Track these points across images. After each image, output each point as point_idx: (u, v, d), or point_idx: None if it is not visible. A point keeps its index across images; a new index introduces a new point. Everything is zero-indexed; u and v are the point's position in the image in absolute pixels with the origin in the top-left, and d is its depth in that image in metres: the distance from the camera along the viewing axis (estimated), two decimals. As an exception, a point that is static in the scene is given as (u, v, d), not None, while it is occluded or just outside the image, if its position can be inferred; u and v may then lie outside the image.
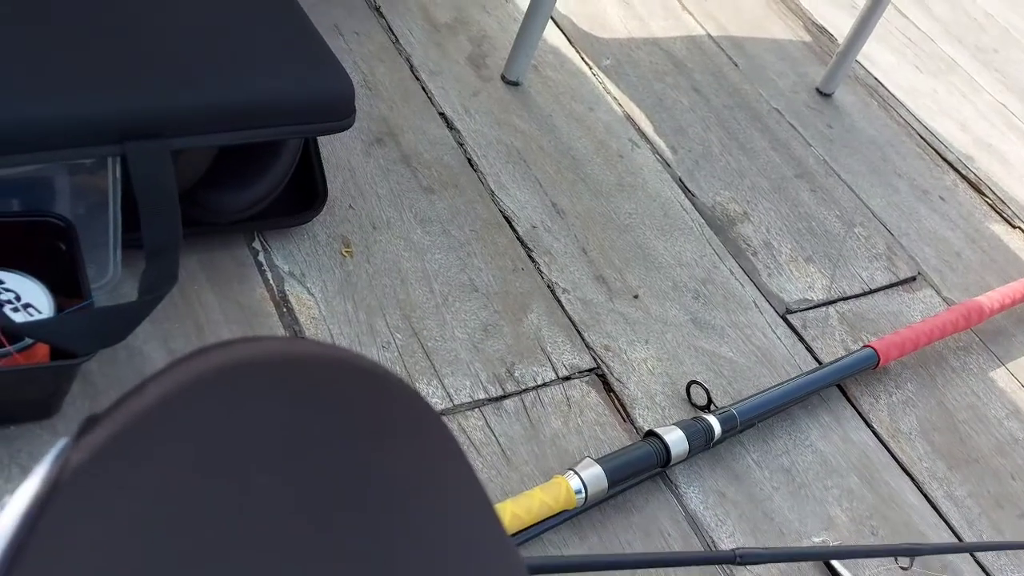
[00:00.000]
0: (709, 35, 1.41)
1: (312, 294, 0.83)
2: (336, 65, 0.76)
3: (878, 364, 0.97)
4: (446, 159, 1.03)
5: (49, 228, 0.69)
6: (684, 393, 0.90)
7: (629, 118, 1.20)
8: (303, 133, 0.74)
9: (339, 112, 0.75)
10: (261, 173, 0.77)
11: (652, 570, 0.74)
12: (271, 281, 0.82)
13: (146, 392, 0.27)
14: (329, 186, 0.92)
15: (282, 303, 0.81)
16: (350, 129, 0.94)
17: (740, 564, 0.69)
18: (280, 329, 0.79)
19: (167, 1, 0.73)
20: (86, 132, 0.63)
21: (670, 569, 0.75)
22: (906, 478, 0.92)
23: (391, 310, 0.85)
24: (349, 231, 0.90)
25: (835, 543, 0.82)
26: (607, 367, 0.90)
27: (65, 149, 0.63)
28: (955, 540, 0.87)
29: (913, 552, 0.72)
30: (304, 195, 0.85)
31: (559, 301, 0.94)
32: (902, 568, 0.74)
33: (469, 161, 1.04)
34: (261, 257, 0.84)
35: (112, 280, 0.74)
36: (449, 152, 1.04)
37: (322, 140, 0.89)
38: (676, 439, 0.79)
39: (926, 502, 0.90)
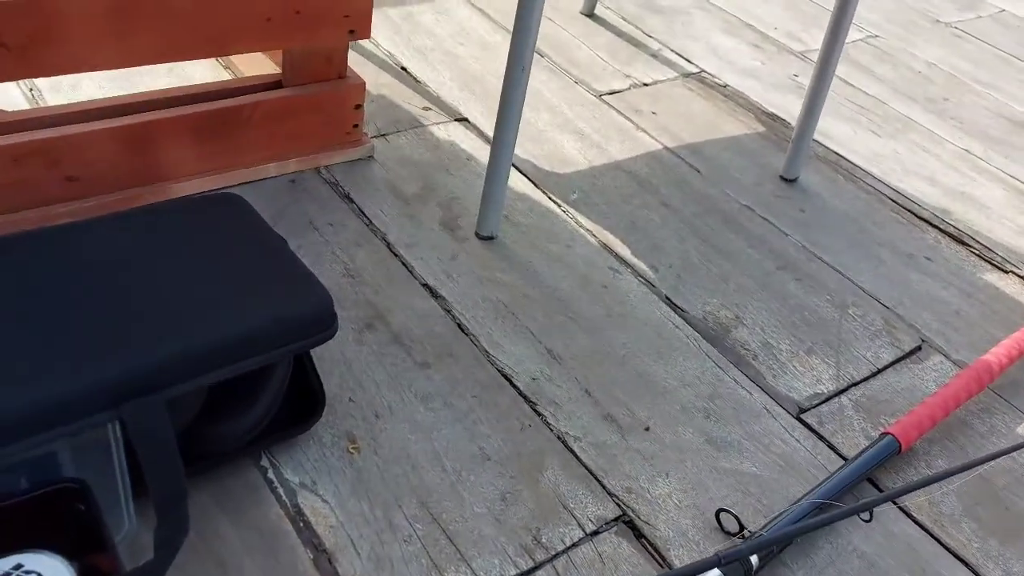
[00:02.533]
0: (666, 148, 1.46)
1: (326, 501, 0.83)
2: (311, 279, 0.79)
3: (901, 449, 0.95)
4: (437, 329, 1.05)
5: (64, 494, 0.71)
6: (715, 522, 0.89)
7: (606, 246, 1.23)
8: (290, 352, 0.76)
9: (321, 325, 0.77)
10: (257, 396, 0.79)
11: None
12: (284, 497, 0.83)
13: None
14: (326, 382, 0.94)
15: (298, 518, 0.81)
16: (340, 324, 0.97)
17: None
18: (300, 546, 0.79)
19: (137, 256, 0.77)
20: (82, 405, 0.65)
21: None
22: (960, 565, 0.89)
23: (407, 500, 0.85)
24: (353, 426, 0.91)
25: (902, 654, 0.79)
26: (633, 511, 0.89)
27: (65, 425, 0.65)
28: (1025, 622, 0.84)
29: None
30: (303, 402, 0.86)
31: (572, 451, 0.94)
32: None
33: (459, 326, 1.06)
34: (271, 474, 0.84)
35: (129, 532, 0.75)
36: (439, 322, 1.06)
37: (313, 342, 0.92)
38: (715, 580, 0.77)
39: (986, 587, 0.87)
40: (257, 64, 1.30)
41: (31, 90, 1.27)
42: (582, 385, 1.01)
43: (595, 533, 0.86)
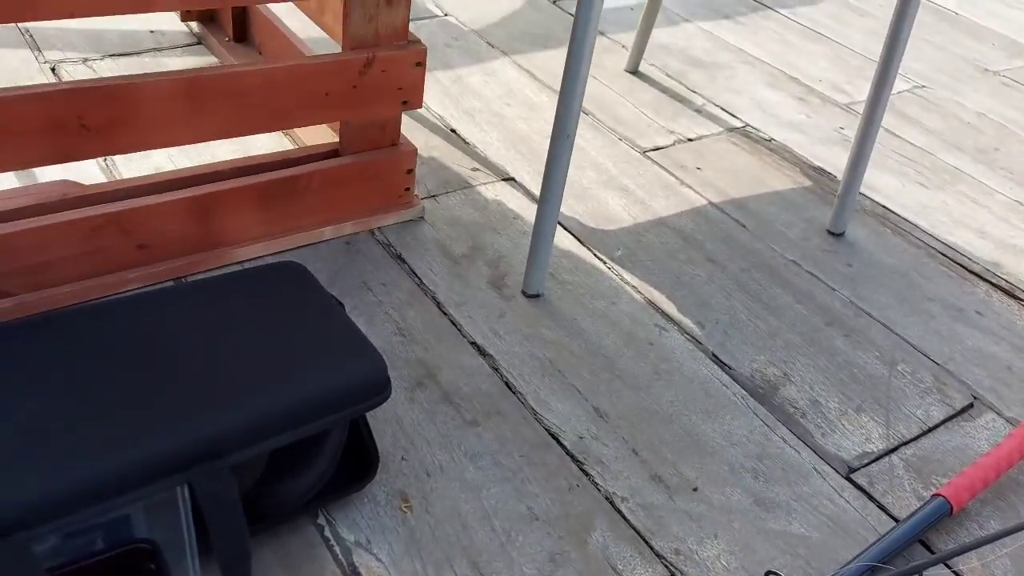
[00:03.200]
0: (711, 203, 1.48)
1: (380, 560, 0.85)
2: (367, 346, 0.83)
3: (952, 511, 0.94)
4: (485, 387, 1.08)
5: (136, 554, 0.75)
6: (763, 584, 0.89)
7: (651, 303, 1.25)
8: (347, 417, 0.80)
9: (376, 390, 0.81)
10: (315, 458, 0.82)
11: None
12: (340, 556, 0.85)
13: None
14: (379, 441, 0.97)
15: (353, 577, 0.84)
16: (393, 383, 1.01)
17: None
18: (355, 606, 0.81)
19: (202, 326, 0.82)
20: (154, 470, 0.69)
21: None
22: (1017, 632, 0.87)
23: (458, 560, 0.87)
24: (405, 484, 0.94)
25: None
26: (682, 573, 0.89)
27: (138, 489, 0.69)
28: None
29: None
30: (358, 461, 0.89)
31: (620, 512, 0.95)
32: None
33: (507, 384, 1.09)
34: (327, 532, 0.87)
35: (194, 590, 0.78)
36: (486, 380, 1.09)
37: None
38: (763, 645, 0.78)
39: (1045, 656, 0.85)
40: (316, 133, 1.36)
41: (105, 160, 1.35)
42: (629, 444, 1.03)
43: (642, 595, 0.87)
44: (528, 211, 1.39)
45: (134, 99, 0.98)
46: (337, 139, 1.23)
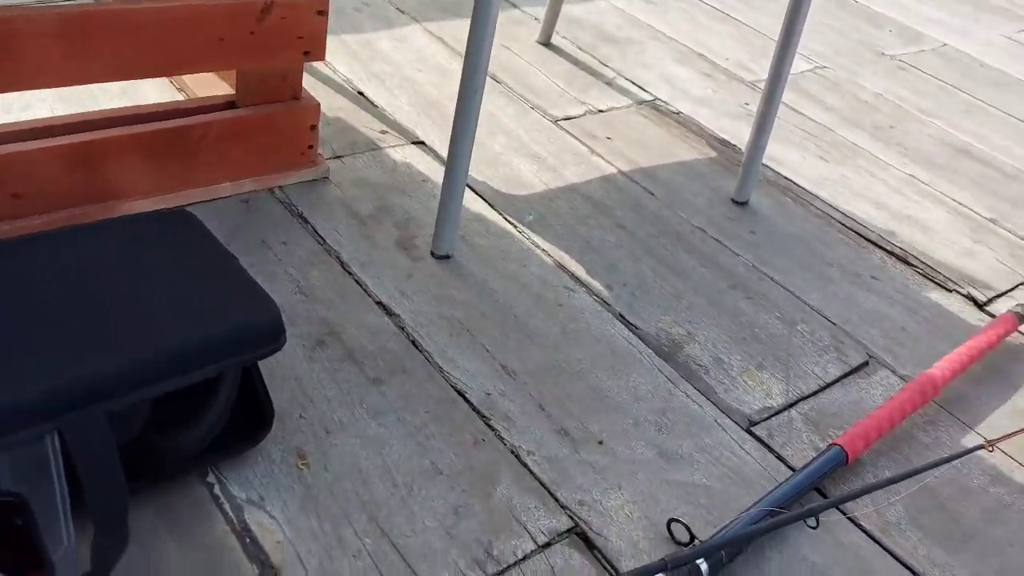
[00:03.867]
0: (621, 172, 1.48)
1: (274, 517, 0.82)
2: (258, 292, 0.79)
3: (848, 460, 0.97)
4: (390, 346, 1.05)
5: (1, 508, 0.69)
6: (666, 532, 0.89)
7: (561, 266, 1.24)
8: (237, 364, 0.76)
9: (268, 338, 0.77)
10: (203, 409, 0.78)
11: None
12: (230, 513, 0.81)
13: None
14: (276, 398, 0.93)
15: (244, 534, 0.80)
16: (290, 339, 0.97)
17: None
18: (245, 562, 0.77)
19: (83, 270, 0.77)
20: (19, 416, 0.64)
21: None
22: (907, 572, 0.90)
23: (356, 515, 0.84)
24: (303, 441, 0.90)
25: (851, 660, 0.80)
26: (585, 523, 0.89)
27: (1, 437, 0.64)
28: (970, 627, 0.85)
29: None
30: (251, 417, 0.85)
31: (525, 465, 0.94)
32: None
33: (413, 343, 1.06)
34: (217, 490, 0.83)
35: (67, 549, 0.73)
36: (392, 338, 1.06)
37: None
38: (664, 588, 0.78)
39: (932, 593, 0.88)
40: (211, 86, 1.30)
41: (-19, 110, 1.26)
42: (536, 400, 1.02)
43: (547, 545, 0.86)
44: (438, 174, 1.36)
45: (10, 33, 0.91)
46: (233, 92, 1.18)
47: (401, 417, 0.96)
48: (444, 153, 1.42)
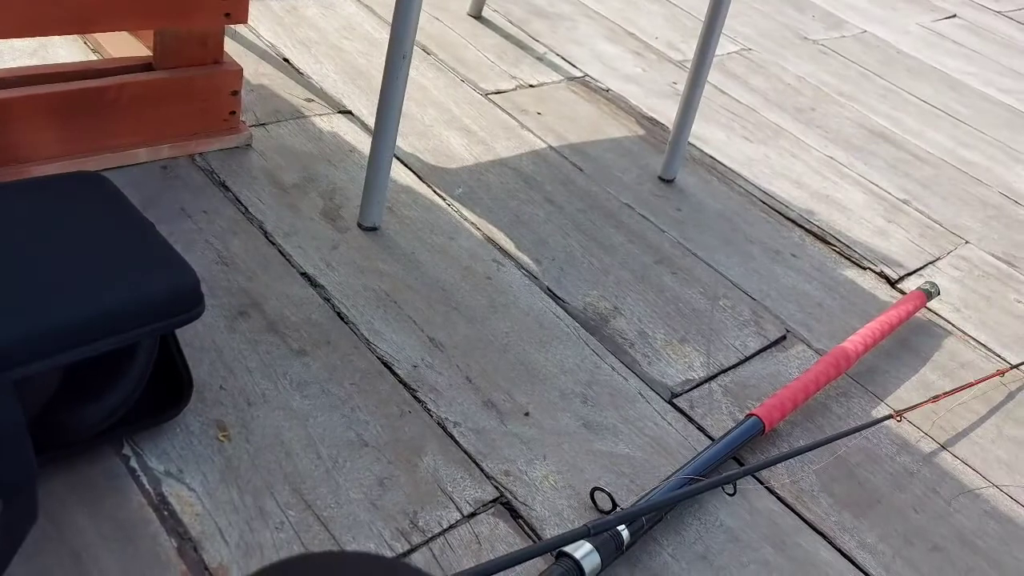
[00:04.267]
0: (551, 147, 1.48)
1: (192, 489, 0.80)
2: (175, 258, 0.77)
3: (765, 430, 1.00)
4: (314, 317, 1.03)
5: None
6: (590, 501, 0.90)
7: (490, 240, 1.24)
8: (152, 332, 0.73)
9: (185, 304, 0.75)
10: (117, 378, 0.75)
11: None
12: (147, 486, 0.79)
13: None
14: (196, 370, 0.91)
15: (162, 507, 0.78)
16: (209, 309, 0.94)
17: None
18: (163, 535, 0.75)
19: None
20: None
21: None
22: (817, 536, 0.94)
23: (279, 487, 0.83)
24: (223, 413, 0.88)
25: (764, 620, 0.83)
26: (511, 493, 0.89)
27: None
28: (876, 587, 0.89)
29: None
30: (169, 388, 0.83)
31: (452, 436, 0.94)
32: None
33: (339, 315, 1.04)
34: (133, 463, 0.81)
35: (-28, 525, 0.70)
36: (316, 310, 1.04)
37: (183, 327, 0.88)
38: (586, 553, 0.79)
39: (841, 556, 0.92)
40: (128, 49, 1.25)
41: None
42: (463, 372, 1.02)
43: (472, 515, 0.86)
44: (365, 145, 1.34)
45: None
46: (150, 54, 1.13)
47: (326, 389, 0.94)
48: (372, 123, 1.39)
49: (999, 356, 1.27)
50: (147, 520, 0.76)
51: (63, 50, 1.31)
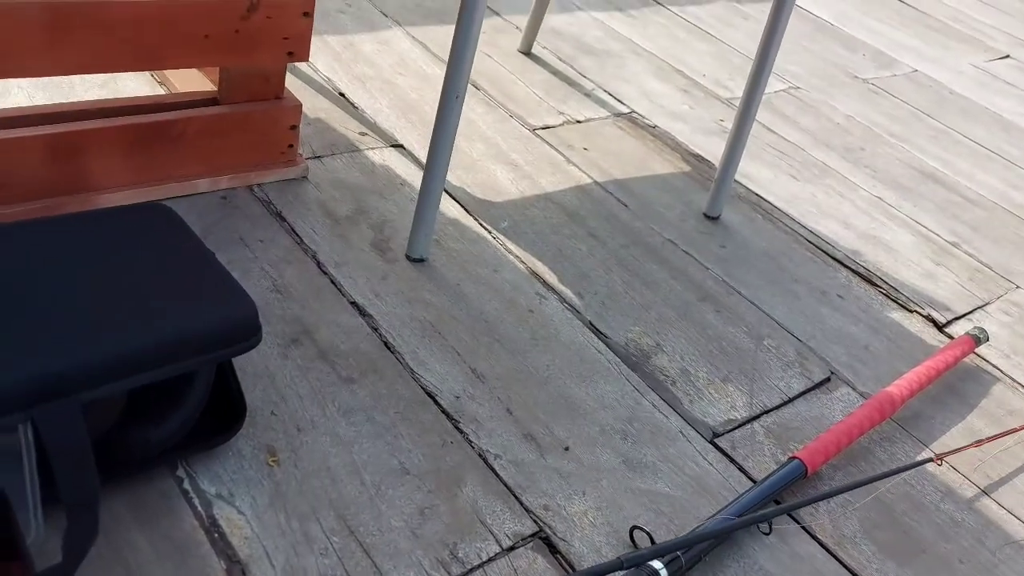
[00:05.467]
0: (596, 182, 1.50)
1: (242, 512, 0.83)
2: (236, 289, 0.80)
3: (807, 473, 1.00)
4: (363, 347, 1.06)
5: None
6: (628, 539, 0.91)
7: (533, 273, 1.26)
8: (211, 361, 0.77)
9: (244, 334, 0.78)
10: (176, 404, 0.78)
11: None
12: (199, 508, 0.82)
13: None
14: (248, 395, 0.94)
15: (212, 529, 0.80)
16: (264, 336, 0.97)
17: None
18: (213, 556, 0.78)
19: (60, 261, 0.77)
20: (-8, 403, 0.64)
21: None
22: (858, 583, 0.93)
23: (324, 512, 0.85)
24: (273, 438, 0.91)
25: (801, 667, 0.82)
26: (549, 528, 0.90)
27: (-28, 424, 0.64)
28: (917, 638, 0.88)
29: None
30: (224, 413, 0.86)
31: (492, 468, 0.95)
32: None
33: (385, 344, 1.07)
34: (187, 484, 0.84)
35: (37, 539, 0.73)
36: (365, 339, 1.07)
37: (236, 354, 0.92)
38: (624, 592, 0.80)
39: (882, 604, 0.91)
40: (194, 83, 1.31)
41: (-43, 96, 1.25)
42: (504, 404, 1.03)
43: (511, 548, 0.87)
44: (416, 178, 1.38)
45: (-10, 22, 0.91)
46: (215, 89, 1.18)
47: (371, 417, 0.97)
48: (422, 157, 1.43)
49: (1050, 405, 1.24)
50: (198, 542, 0.79)
51: (132, 82, 1.37)
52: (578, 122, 1.67)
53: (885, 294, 1.41)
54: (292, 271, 1.14)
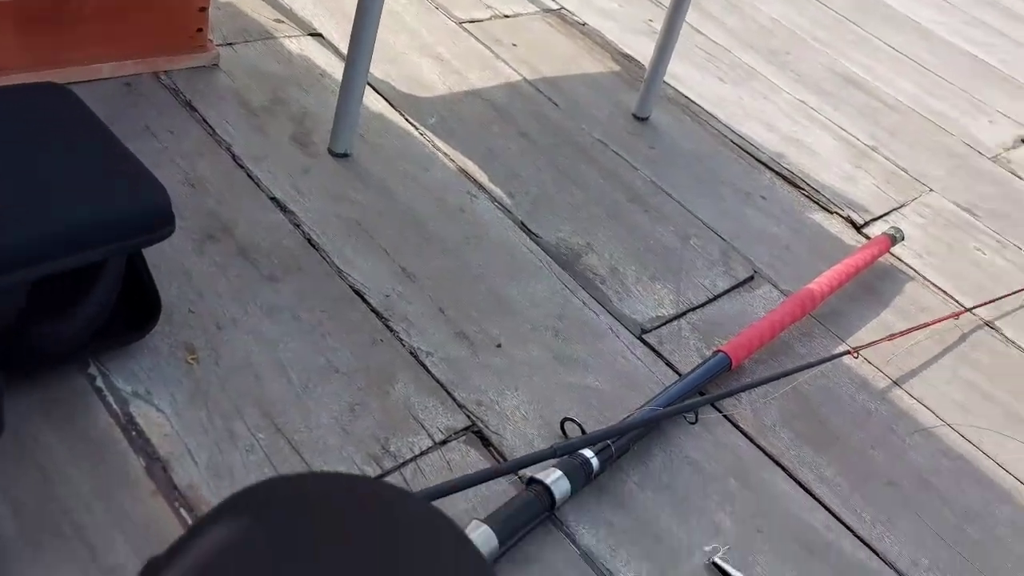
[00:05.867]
0: (526, 79, 1.46)
1: (161, 410, 0.79)
2: (145, 174, 0.74)
3: (731, 366, 1.02)
4: (285, 244, 1.01)
5: None
6: (560, 431, 0.92)
7: (463, 172, 1.22)
8: (120, 251, 0.71)
9: (156, 223, 0.73)
10: (85, 297, 0.73)
11: None
12: (115, 406, 0.78)
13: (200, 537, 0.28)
14: (164, 293, 0.89)
15: (129, 427, 0.77)
16: (178, 232, 0.92)
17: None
18: (131, 454, 0.75)
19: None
20: None
21: None
22: (778, 469, 0.96)
23: (249, 410, 0.82)
24: (192, 336, 0.87)
25: (726, 548, 0.85)
26: (482, 422, 0.90)
27: None
28: (833, 520, 0.92)
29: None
30: (137, 309, 0.81)
31: (424, 365, 0.94)
32: None
33: (309, 241, 1.03)
34: (100, 383, 0.79)
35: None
36: (287, 236, 1.02)
37: (150, 248, 0.86)
38: (556, 480, 0.80)
39: (801, 489, 0.95)
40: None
41: None
42: (436, 303, 1.01)
43: (444, 442, 0.87)
44: (336, 70, 1.30)
45: None
46: (115, -38, 1.08)
47: (296, 315, 0.93)
48: (342, 47, 1.35)
49: (957, 302, 1.30)
50: (115, 439, 0.76)
51: (17, -44, 1.24)
52: (506, 16, 1.61)
53: (807, 196, 1.43)
54: (205, 164, 1.07)
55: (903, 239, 1.34)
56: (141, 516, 0.72)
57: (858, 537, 0.92)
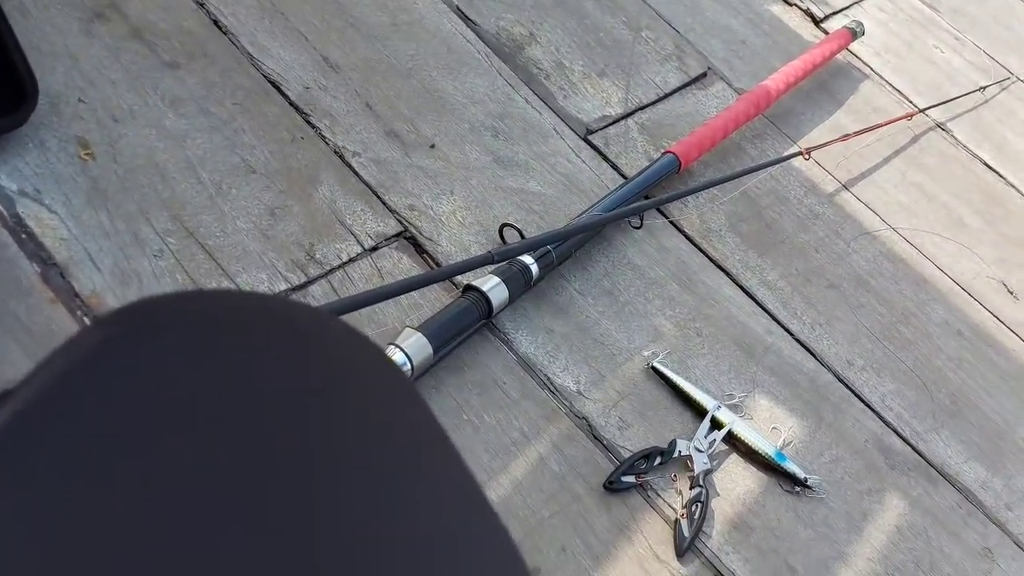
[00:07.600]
0: None
1: (54, 212, 0.71)
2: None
3: (680, 168, 0.96)
4: (187, 25, 0.89)
5: None
6: (498, 238, 0.87)
7: (391, -53, 1.08)
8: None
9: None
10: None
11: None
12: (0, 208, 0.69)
13: (56, 361, 0.24)
14: (46, 79, 0.78)
15: (19, 229, 0.69)
16: (60, 8, 0.79)
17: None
18: (23, 260, 0.67)
19: None
20: None
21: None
22: (721, 274, 0.94)
23: (156, 213, 0.75)
24: (85, 130, 0.77)
25: (665, 352, 0.84)
26: (415, 228, 0.84)
27: None
28: (773, 323, 0.91)
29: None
30: (7, 94, 0.70)
31: (350, 166, 0.86)
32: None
33: (216, 23, 0.91)
34: (-22, 181, 0.70)
35: None
36: (189, 16, 0.90)
37: (25, 27, 0.74)
38: (494, 287, 0.76)
39: (743, 293, 0.93)
40: None
41: None
42: (362, 98, 0.92)
43: (374, 249, 0.81)
44: None
45: None
46: None
47: (204, 108, 0.83)
48: None
49: (912, 103, 1.25)
50: (3, 244, 0.68)
51: None
52: None
53: (767, -14, 1.33)
54: (88, -71, 0.92)
55: (864, 34, 1.26)
56: (39, 325, 0.65)
57: (796, 339, 0.91)
